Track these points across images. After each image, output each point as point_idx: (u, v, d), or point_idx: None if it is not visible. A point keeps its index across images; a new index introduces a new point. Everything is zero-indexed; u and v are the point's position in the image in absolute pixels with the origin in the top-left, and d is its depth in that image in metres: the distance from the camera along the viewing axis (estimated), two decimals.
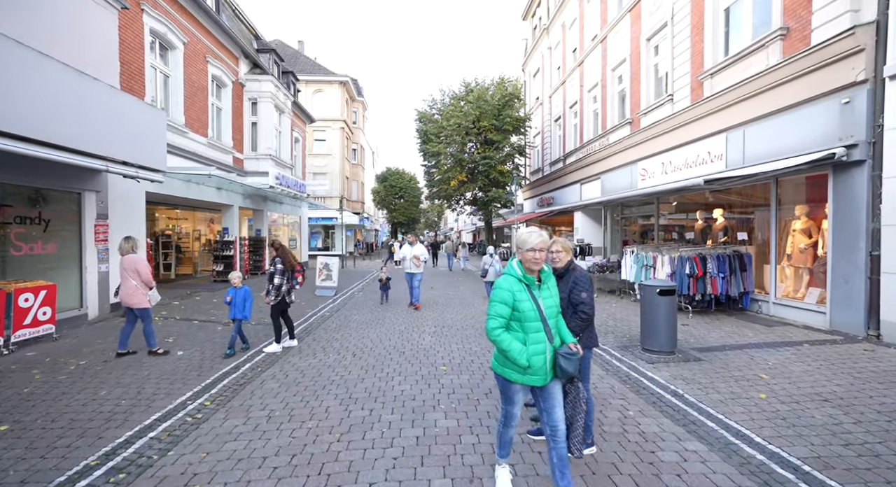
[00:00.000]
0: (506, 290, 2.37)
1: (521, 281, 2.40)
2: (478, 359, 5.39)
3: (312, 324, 7.68)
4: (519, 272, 2.42)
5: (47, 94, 5.23)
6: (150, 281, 5.53)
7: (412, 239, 9.34)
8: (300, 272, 5.98)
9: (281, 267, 5.66)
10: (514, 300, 2.35)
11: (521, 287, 2.39)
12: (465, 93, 17.18)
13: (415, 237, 9.31)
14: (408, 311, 8.83)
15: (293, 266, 5.84)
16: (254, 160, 13.35)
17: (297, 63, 31.83)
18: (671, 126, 10.19)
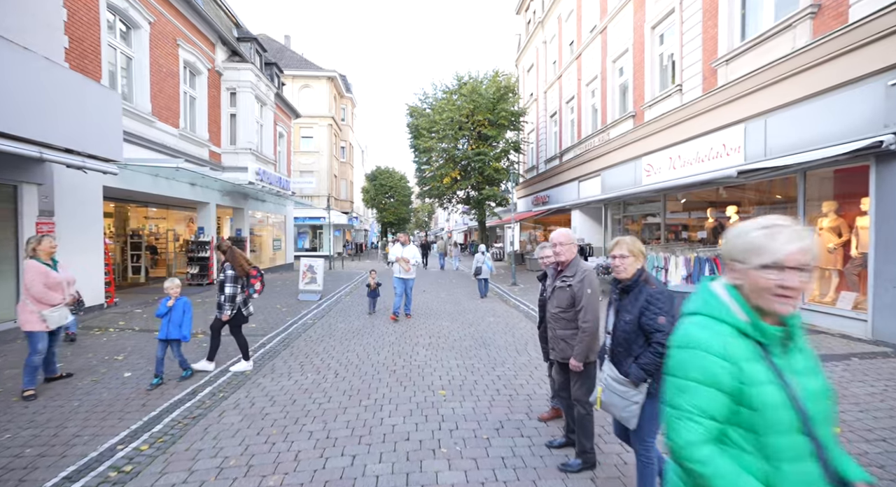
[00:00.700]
0: (714, 357, 1.08)
1: (747, 337, 1.11)
2: (482, 379, 4.61)
3: (292, 334, 6.83)
4: (742, 315, 1.12)
5: None
6: (40, 295, 4.06)
7: (404, 238, 8.11)
8: (257, 277, 5.04)
9: (232, 274, 4.74)
10: (740, 380, 1.06)
11: (750, 349, 1.09)
12: (457, 87, 16.40)
13: (407, 236, 8.15)
14: (399, 319, 8.03)
15: (247, 271, 4.88)
16: (232, 154, 12.39)
17: (284, 58, 30.73)
18: (680, 118, 9.56)
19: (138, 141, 8.70)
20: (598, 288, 2.76)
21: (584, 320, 2.69)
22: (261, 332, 6.94)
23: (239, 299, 4.79)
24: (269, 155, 14.50)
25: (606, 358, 2.39)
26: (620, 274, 2.29)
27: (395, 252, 7.95)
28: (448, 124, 14.92)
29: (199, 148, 11.23)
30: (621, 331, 2.25)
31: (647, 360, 2.14)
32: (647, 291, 2.21)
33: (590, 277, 2.74)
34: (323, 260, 11.07)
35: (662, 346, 2.09)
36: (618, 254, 2.30)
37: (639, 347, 2.21)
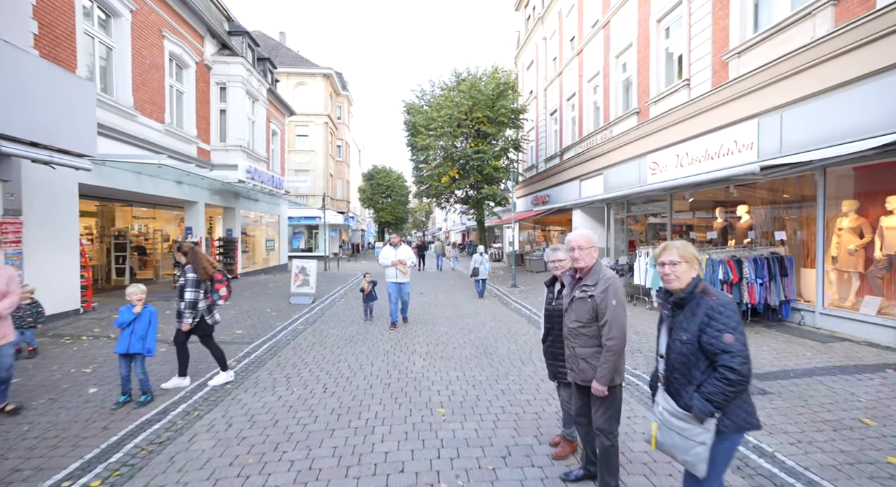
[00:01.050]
0: None
1: None
2: (485, 394, 4.20)
3: (280, 341, 6.40)
4: None
5: None
6: None
7: (396, 239, 7.34)
8: (223, 282, 4.56)
9: (194, 278, 4.25)
10: None
11: None
12: (456, 84, 15.99)
13: (399, 237, 7.44)
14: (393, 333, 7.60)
15: (211, 275, 4.41)
16: (222, 151, 11.93)
17: (279, 55, 30.24)
18: (687, 114, 9.19)
19: (119, 136, 8.24)
20: (624, 298, 2.35)
21: (608, 337, 2.28)
22: (247, 340, 6.51)
23: (202, 305, 4.33)
24: (261, 152, 14.04)
25: (660, 387, 1.98)
26: (672, 284, 1.88)
27: (388, 255, 7.20)
28: (446, 121, 14.50)
29: (186, 144, 10.77)
30: (677, 354, 1.84)
31: (713, 389, 1.71)
32: (706, 304, 1.79)
33: (614, 286, 2.33)
34: (316, 261, 10.64)
35: (732, 371, 1.67)
36: (667, 261, 1.89)
37: (701, 373, 1.78)
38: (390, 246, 7.34)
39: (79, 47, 7.03)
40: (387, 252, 7.29)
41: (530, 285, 13.23)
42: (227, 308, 9.03)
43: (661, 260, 1.92)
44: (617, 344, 2.27)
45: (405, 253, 7.29)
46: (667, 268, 1.89)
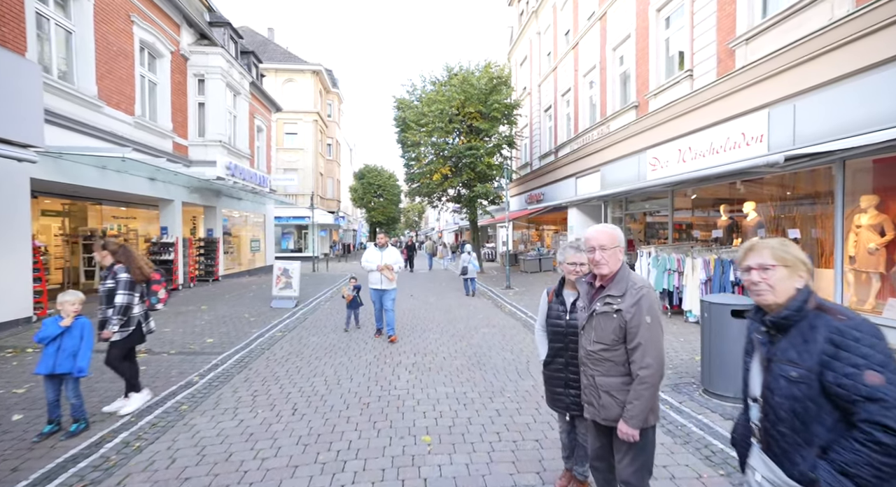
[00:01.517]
0: None
1: None
2: (477, 416, 3.66)
3: (254, 351, 5.81)
4: None
5: None
6: None
7: (382, 239, 6.43)
8: (160, 284, 3.94)
9: (127, 279, 3.62)
10: None
11: None
12: (447, 78, 15.44)
13: (386, 237, 6.53)
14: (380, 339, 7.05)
15: (147, 275, 3.78)
16: (201, 147, 11.27)
17: (267, 51, 29.50)
18: (690, 107, 8.73)
19: (81, 128, 7.58)
20: (660, 313, 1.82)
21: (642, 364, 1.75)
22: (217, 349, 5.91)
23: (137, 311, 3.74)
24: (243, 149, 13.38)
25: (755, 445, 1.39)
26: (765, 297, 1.32)
27: (372, 257, 6.24)
28: (438, 116, 13.95)
29: (160, 139, 10.10)
30: (784, 398, 1.25)
31: (854, 458, 1.10)
32: (827, 325, 1.20)
33: (648, 298, 1.80)
34: (299, 263, 10.04)
35: (887, 431, 1.07)
36: (756, 265, 1.34)
37: (827, 430, 1.18)
38: (375, 247, 6.42)
39: (29, 28, 6.37)
40: (371, 254, 6.35)
41: (525, 286, 12.73)
42: (202, 314, 8.41)
43: (748, 263, 1.37)
44: (653, 373, 1.74)
45: (392, 256, 6.33)
46: (755, 275, 1.34)
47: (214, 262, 12.87)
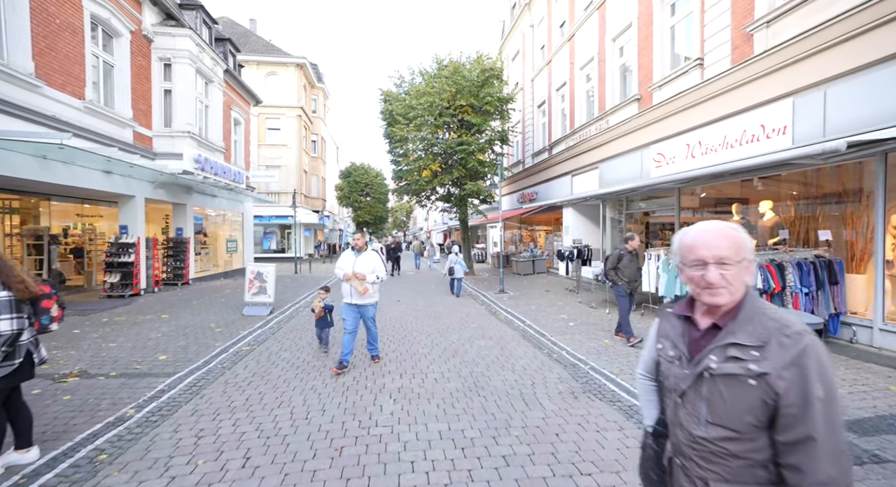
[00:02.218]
0: None
1: None
2: (480, 467, 2.87)
3: (212, 372, 4.94)
4: None
5: None
6: None
7: (360, 240, 5.04)
8: (51, 298, 2.95)
9: (7, 298, 2.73)
10: None
11: None
12: (437, 71, 14.63)
13: (364, 237, 5.13)
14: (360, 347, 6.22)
15: (34, 292, 2.85)
16: (167, 138, 10.26)
17: (248, 43, 28.30)
18: (700, 97, 8.10)
19: (14, 110, 6.56)
20: (835, 383, 1.03)
21: (817, 478, 0.96)
22: (168, 370, 5.01)
23: (26, 337, 2.84)
24: (216, 142, 12.37)
25: None
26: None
27: (344, 264, 4.94)
28: (427, 109, 13.13)
29: (118, 127, 9.07)
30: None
31: None
32: None
33: (815, 351, 1.01)
34: (274, 266, 9.13)
35: None
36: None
37: None
38: (352, 251, 5.07)
39: None
40: (344, 259, 5.00)
41: (519, 290, 12.01)
42: (161, 324, 7.46)
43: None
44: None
45: (368, 262, 4.91)
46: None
47: (184, 264, 11.84)
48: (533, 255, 16.43)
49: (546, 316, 8.24)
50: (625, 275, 6.14)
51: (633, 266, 6.18)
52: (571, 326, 7.32)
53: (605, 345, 6.03)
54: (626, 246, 6.19)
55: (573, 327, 7.23)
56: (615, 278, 6.19)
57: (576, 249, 11.29)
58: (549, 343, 6.26)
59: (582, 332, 6.86)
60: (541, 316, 8.17)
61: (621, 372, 4.87)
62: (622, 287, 6.13)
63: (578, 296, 10.36)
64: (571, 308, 8.99)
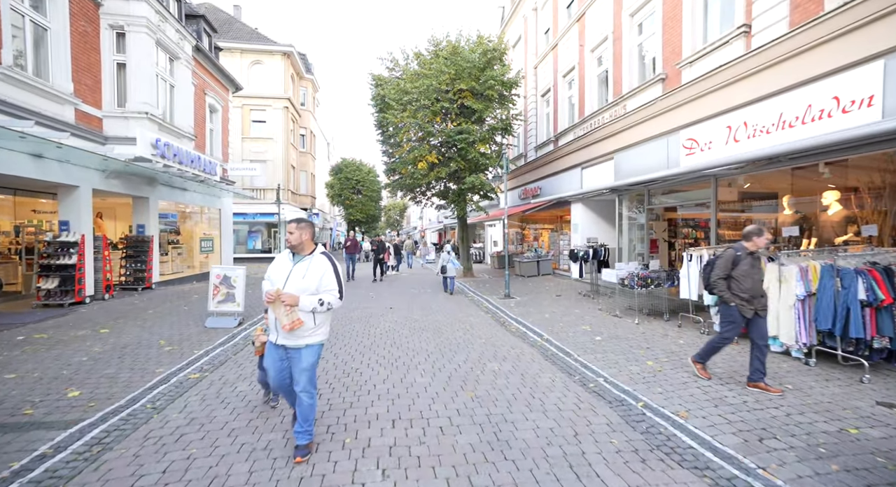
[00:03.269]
0: None
1: None
2: None
3: (138, 414, 3.61)
4: None
5: None
6: None
7: (294, 234, 2.90)
8: None
9: None
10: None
11: None
12: (434, 54, 13.27)
13: (303, 230, 2.90)
14: (334, 370, 4.91)
15: None
16: (120, 119, 8.81)
17: (232, 30, 26.72)
18: (746, 71, 6.90)
19: None
20: None
21: None
22: (75, 414, 3.67)
23: None
24: (184, 127, 10.93)
25: None
26: None
27: (276, 274, 2.93)
28: (423, 93, 11.78)
29: (53, 103, 7.60)
30: None
31: None
32: None
33: None
34: (244, 268, 7.75)
35: None
36: None
37: None
38: (289, 254, 3.00)
39: None
40: (276, 267, 2.97)
41: (526, 294, 10.74)
42: (94, 341, 6.05)
43: None
44: None
45: (313, 274, 2.86)
46: None
47: (146, 266, 10.38)
48: (538, 255, 15.18)
49: (565, 327, 6.97)
50: (743, 289, 3.99)
51: (756, 275, 4.05)
52: (599, 341, 6.06)
53: (650, 369, 4.77)
54: (745, 244, 4.05)
55: (602, 343, 5.97)
56: (726, 293, 4.05)
57: (591, 249, 10.04)
58: (578, 365, 4.99)
59: (615, 350, 5.60)
60: (558, 328, 6.91)
61: (690, 413, 3.61)
62: (738, 308, 4.01)
63: (597, 303, 9.11)
64: (592, 317, 7.74)
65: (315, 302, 2.80)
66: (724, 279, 4.09)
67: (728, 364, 4.87)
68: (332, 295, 2.88)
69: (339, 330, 6.92)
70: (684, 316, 6.91)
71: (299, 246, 2.94)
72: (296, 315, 2.78)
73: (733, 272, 4.06)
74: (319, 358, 3.01)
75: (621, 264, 8.04)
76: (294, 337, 2.86)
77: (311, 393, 2.88)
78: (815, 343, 4.63)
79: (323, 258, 2.93)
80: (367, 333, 6.74)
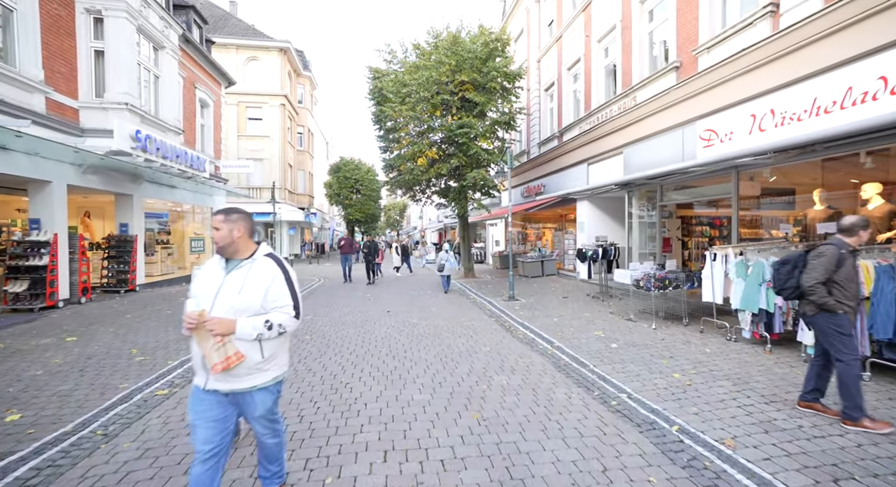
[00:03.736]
0: None
1: None
2: None
3: (83, 444, 3.08)
4: None
5: None
6: None
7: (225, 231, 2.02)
8: None
9: None
10: None
11: None
12: (434, 46, 12.71)
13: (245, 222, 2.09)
14: (321, 385, 4.35)
15: None
16: (98, 111, 8.25)
17: (227, 26, 26.18)
18: (773, 54, 6.34)
19: None
20: None
21: None
22: (7, 444, 3.09)
23: None
24: (170, 121, 10.36)
25: None
26: None
27: (201, 290, 2.03)
28: (422, 85, 11.22)
29: (21, 91, 7.03)
30: None
31: None
32: None
33: None
34: None
35: None
36: None
37: None
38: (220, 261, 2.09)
39: None
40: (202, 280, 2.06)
41: (531, 296, 10.16)
42: (58, 351, 5.48)
43: None
44: None
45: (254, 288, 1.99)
46: None
47: (129, 267, 9.80)
48: (541, 255, 14.61)
49: (576, 332, 6.41)
50: (848, 296, 3.17)
51: (856, 277, 3.29)
52: (615, 349, 5.50)
53: (678, 383, 4.20)
54: (847, 240, 3.25)
55: (618, 351, 5.41)
56: (829, 300, 3.13)
57: (600, 248, 9.47)
58: (595, 378, 4.43)
59: (634, 359, 5.03)
60: (569, 334, 6.34)
61: (736, 441, 3.03)
62: (845, 316, 3.16)
63: (608, 305, 8.55)
64: (604, 321, 7.17)
65: (261, 326, 1.96)
66: (824, 283, 3.16)
67: (766, 376, 4.30)
68: (285, 314, 2.04)
69: (331, 337, 6.36)
70: (706, 320, 6.33)
71: (230, 247, 2.04)
72: (232, 347, 1.94)
73: (835, 275, 3.15)
74: (280, 396, 2.21)
75: (635, 264, 7.47)
76: (234, 378, 1.98)
77: (275, 432, 2.25)
78: (870, 354, 4.06)
79: (268, 262, 2.09)
80: (362, 340, 6.18)
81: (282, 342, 2.16)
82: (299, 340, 6.16)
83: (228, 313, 1.96)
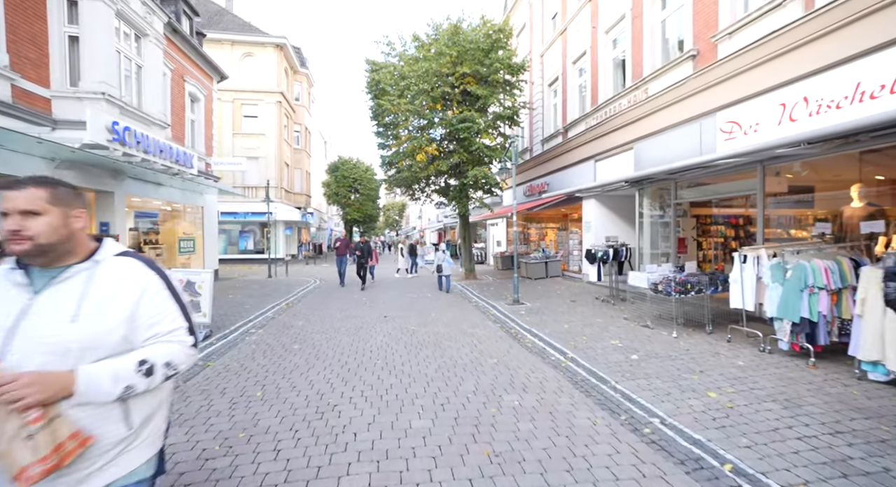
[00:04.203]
0: None
1: None
2: None
3: None
4: None
5: None
6: None
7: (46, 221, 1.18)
8: None
9: None
10: None
11: None
12: (434, 38, 12.15)
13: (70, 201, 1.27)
14: (304, 408, 3.79)
15: None
16: (72, 101, 7.66)
17: (222, 21, 25.59)
18: (805, 36, 5.78)
19: None
20: None
21: None
22: None
23: None
24: (154, 114, 9.77)
25: None
26: None
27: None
28: (422, 77, 10.65)
29: None
30: None
31: None
32: None
33: None
34: (212, 273, 6.65)
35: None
36: None
37: None
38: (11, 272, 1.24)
39: None
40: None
41: (536, 300, 9.60)
42: None
43: None
44: None
45: (103, 309, 1.21)
46: None
47: None
48: (545, 256, 14.04)
49: (589, 341, 5.84)
50: None
51: None
52: (636, 361, 4.93)
53: (717, 404, 3.63)
54: None
55: (640, 363, 4.84)
56: None
57: (611, 249, 8.90)
58: (619, 398, 3.86)
59: (659, 374, 4.47)
60: (582, 343, 5.78)
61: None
62: None
63: (620, 310, 7.98)
64: (618, 328, 6.60)
65: (130, 373, 1.18)
66: None
67: (818, 397, 3.73)
68: (176, 343, 1.30)
69: (322, 347, 5.78)
70: (734, 328, 5.76)
71: (60, 246, 1.23)
72: (65, 426, 1.10)
73: None
74: None
75: (651, 266, 6.90)
76: (73, 482, 1.15)
77: None
78: None
79: (129, 265, 1.32)
80: (355, 350, 5.61)
81: (164, 393, 1.38)
82: (286, 350, 5.59)
83: (50, 359, 1.13)
